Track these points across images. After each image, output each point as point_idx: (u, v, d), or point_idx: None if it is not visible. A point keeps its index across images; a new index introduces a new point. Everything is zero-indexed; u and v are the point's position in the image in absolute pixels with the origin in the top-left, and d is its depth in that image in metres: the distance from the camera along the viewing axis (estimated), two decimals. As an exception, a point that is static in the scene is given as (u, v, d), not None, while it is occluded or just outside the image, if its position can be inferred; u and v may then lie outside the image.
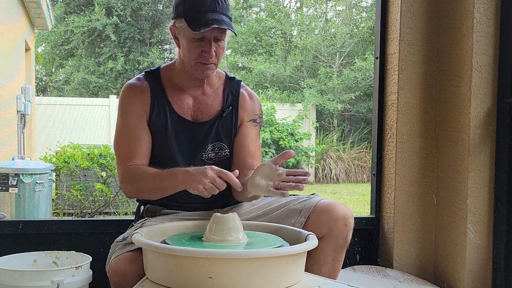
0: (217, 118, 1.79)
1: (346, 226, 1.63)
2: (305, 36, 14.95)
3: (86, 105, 11.27)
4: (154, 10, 16.15)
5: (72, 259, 1.97)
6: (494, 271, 2.13)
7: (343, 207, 1.66)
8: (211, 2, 1.64)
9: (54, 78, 16.96)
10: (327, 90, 13.44)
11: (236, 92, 1.84)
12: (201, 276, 1.22)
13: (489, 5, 2.10)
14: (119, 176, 1.74)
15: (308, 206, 1.67)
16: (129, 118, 1.75)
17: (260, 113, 1.88)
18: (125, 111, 1.76)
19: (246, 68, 15.02)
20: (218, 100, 1.81)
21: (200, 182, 1.48)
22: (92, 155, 6.37)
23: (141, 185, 1.67)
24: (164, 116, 1.75)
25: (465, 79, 2.13)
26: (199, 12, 1.62)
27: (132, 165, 1.69)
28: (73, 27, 15.30)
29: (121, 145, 1.76)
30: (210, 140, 1.78)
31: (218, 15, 1.63)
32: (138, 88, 1.77)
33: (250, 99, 1.87)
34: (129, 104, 1.76)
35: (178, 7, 1.68)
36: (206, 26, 1.59)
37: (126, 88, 1.79)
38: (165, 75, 1.81)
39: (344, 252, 1.69)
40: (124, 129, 1.76)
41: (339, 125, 14.10)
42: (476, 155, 2.11)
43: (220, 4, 1.64)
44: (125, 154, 1.72)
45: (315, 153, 11.27)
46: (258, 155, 1.82)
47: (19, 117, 7.92)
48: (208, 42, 1.66)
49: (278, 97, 13.34)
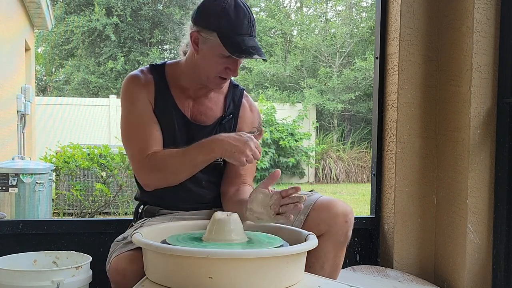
0: (217, 124, 1.77)
1: (346, 222, 1.63)
2: (305, 36, 14.95)
3: (86, 105, 11.27)
4: (154, 10, 16.15)
5: (72, 259, 1.97)
6: (494, 271, 2.13)
7: (342, 203, 1.65)
8: (248, 25, 1.60)
9: (54, 78, 16.96)
10: (327, 90, 13.45)
11: (238, 101, 1.83)
12: (201, 276, 1.22)
13: (489, 5, 2.10)
14: (135, 169, 1.69)
15: (307, 203, 1.65)
16: (138, 107, 1.71)
17: (259, 126, 1.87)
18: (133, 101, 1.71)
19: (246, 68, 15.02)
20: (219, 106, 1.80)
21: (243, 153, 1.51)
22: (92, 155, 6.37)
23: (167, 170, 1.63)
24: (168, 110, 1.73)
25: (465, 79, 2.13)
26: (237, 35, 1.59)
27: (151, 153, 1.65)
28: (73, 27, 15.31)
29: (133, 137, 1.70)
30: None
31: (254, 40, 1.61)
32: (142, 79, 1.74)
33: (251, 111, 1.85)
34: (137, 94, 1.71)
35: (211, 19, 1.61)
36: (247, 55, 1.57)
37: (131, 79, 1.74)
38: (170, 72, 1.78)
39: (345, 248, 1.68)
40: (134, 120, 1.71)
41: (339, 125, 14.10)
42: (476, 155, 2.11)
43: (254, 27, 1.62)
44: (140, 145, 1.68)
45: (315, 153, 11.27)
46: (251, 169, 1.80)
47: (19, 117, 7.92)
48: (236, 61, 1.64)
49: (278, 97, 13.34)
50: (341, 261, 1.69)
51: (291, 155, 10.66)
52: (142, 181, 1.71)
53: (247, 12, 1.61)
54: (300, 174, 11.12)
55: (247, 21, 1.60)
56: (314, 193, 1.74)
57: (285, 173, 10.97)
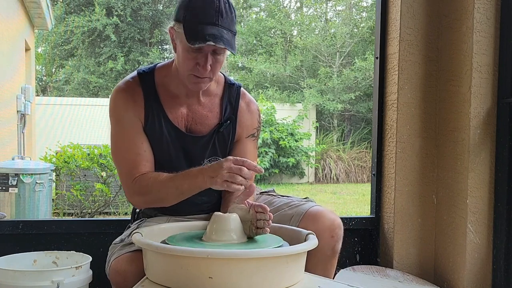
0: (214, 132, 1.69)
1: (333, 237, 1.57)
2: (305, 36, 14.97)
3: (86, 105, 11.29)
4: (154, 10, 16.16)
5: (72, 259, 1.97)
6: (494, 271, 2.13)
7: (331, 216, 1.59)
8: (214, 14, 1.49)
9: (54, 78, 16.97)
10: (327, 90, 13.46)
11: (235, 103, 1.73)
12: (201, 276, 1.22)
13: (489, 5, 2.10)
14: (126, 190, 1.63)
15: (298, 212, 1.63)
16: (124, 127, 1.63)
17: (258, 126, 1.79)
18: (119, 119, 1.63)
19: (246, 68, 15.03)
20: (215, 112, 1.71)
21: (218, 175, 1.40)
22: (92, 155, 6.38)
23: (155, 194, 1.56)
24: (159, 125, 1.64)
25: (465, 79, 2.13)
26: (199, 23, 1.49)
27: (138, 176, 1.59)
28: (73, 27, 15.33)
29: (121, 158, 1.64)
30: (207, 155, 1.69)
31: (218, 29, 1.48)
32: (130, 94, 1.64)
33: (249, 112, 1.75)
34: (123, 112, 1.63)
35: (180, 10, 1.54)
36: (201, 41, 1.46)
37: (118, 94, 1.65)
38: (160, 80, 1.68)
39: (335, 260, 1.63)
40: (121, 140, 1.64)
41: (339, 125, 14.12)
42: (476, 155, 2.11)
43: (223, 16, 1.50)
44: (129, 167, 1.61)
45: (315, 153, 11.28)
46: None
47: (19, 117, 7.92)
48: (204, 55, 1.53)
49: (278, 97, 13.35)
50: (331, 273, 1.65)
51: (291, 155, 10.67)
52: (131, 201, 1.66)
53: (216, 1, 1.50)
54: (300, 174, 11.13)
55: (213, 10, 1.49)
56: (307, 202, 1.69)
57: (285, 173, 10.98)
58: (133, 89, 1.65)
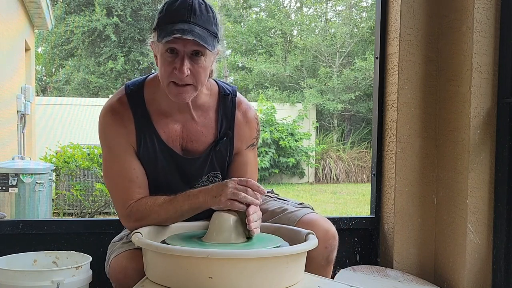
0: (211, 150, 1.62)
1: (327, 248, 1.54)
2: (305, 36, 14.98)
3: (86, 105, 11.29)
4: (154, 10, 16.14)
5: (72, 259, 1.97)
6: (494, 271, 2.13)
7: (325, 226, 1.56)
8: (185, 12, 1.43)
9: (54, 78, 16.97)
10: (327, 90, 13.46)
11: (231, 115, 1.64)
12: (201, 276, 1.22)
13: (489, 5, 2.10)
14: (120, 216, 1.58)
15: (292, 219, 1.61)
16: (116, 153, 1.57)
17: (257, 134, 1.72)
18: (110, 146, 1.58)
19: (246, 68, 15.03)
20: (210, 127, 1.62)
21: (223, 193, 1.40)
22: (92, 155, 6.38)
23: (153, 219, 1.52)
24: (153, 148, 1.58)
25: (465, 79, 2.13)
26: (170, 23, 1.43)
27: (132, 203, 1.55)
28: (73, 27, 15.33)
29: (114, 184, 1.59)
30: (205, 173, 1.64)
31: (189, 25, 1.42)
32: (119, 118, 1.56)
33: (247, 123, 1.67)
34: (113, 138, 1.57)
35: (155, 19, 1.50)
36: (169, 35, 1.40)
37: (106, 118, 1.58)
38: (149, 96, 1.59)
39: (330, 268, 1.61)
40: (114, 168, 1.58)
41: (339, 125, 14.12)
42: (476, 155, 2.11)
43: (197, 14, 1.44)
44: (122, 194, 1.57)
45: (315, 153, 11.28)
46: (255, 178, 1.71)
47: (19, 117, 7.93)
48: (180, 58, 1.45)
49: (278, 97, 13.35)
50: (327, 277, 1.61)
51: (291, 155, 10.67)
52: (127, 227, 1.62)
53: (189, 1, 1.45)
54: (300, 174, 11.13)
55: (184, 9, 1.44)
56: (301, 208, 1.67)
57: (285, 173, 10.99)
58: (122, 114, 1.57)
